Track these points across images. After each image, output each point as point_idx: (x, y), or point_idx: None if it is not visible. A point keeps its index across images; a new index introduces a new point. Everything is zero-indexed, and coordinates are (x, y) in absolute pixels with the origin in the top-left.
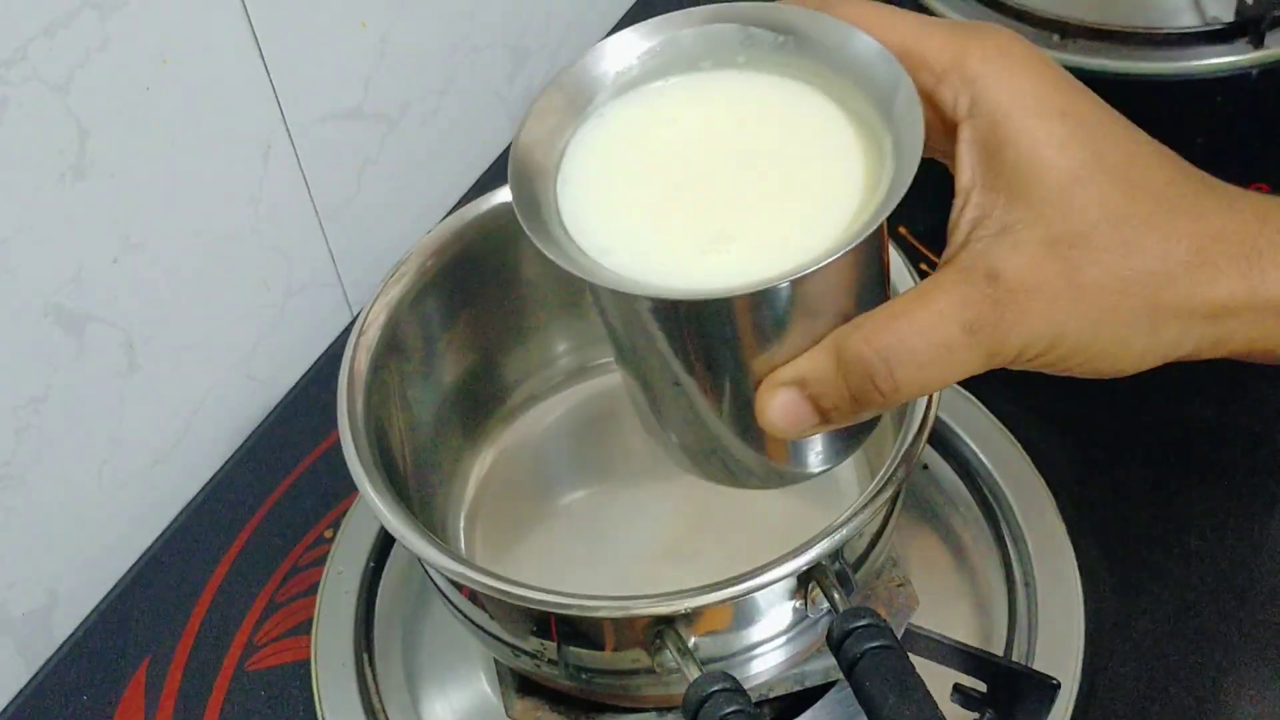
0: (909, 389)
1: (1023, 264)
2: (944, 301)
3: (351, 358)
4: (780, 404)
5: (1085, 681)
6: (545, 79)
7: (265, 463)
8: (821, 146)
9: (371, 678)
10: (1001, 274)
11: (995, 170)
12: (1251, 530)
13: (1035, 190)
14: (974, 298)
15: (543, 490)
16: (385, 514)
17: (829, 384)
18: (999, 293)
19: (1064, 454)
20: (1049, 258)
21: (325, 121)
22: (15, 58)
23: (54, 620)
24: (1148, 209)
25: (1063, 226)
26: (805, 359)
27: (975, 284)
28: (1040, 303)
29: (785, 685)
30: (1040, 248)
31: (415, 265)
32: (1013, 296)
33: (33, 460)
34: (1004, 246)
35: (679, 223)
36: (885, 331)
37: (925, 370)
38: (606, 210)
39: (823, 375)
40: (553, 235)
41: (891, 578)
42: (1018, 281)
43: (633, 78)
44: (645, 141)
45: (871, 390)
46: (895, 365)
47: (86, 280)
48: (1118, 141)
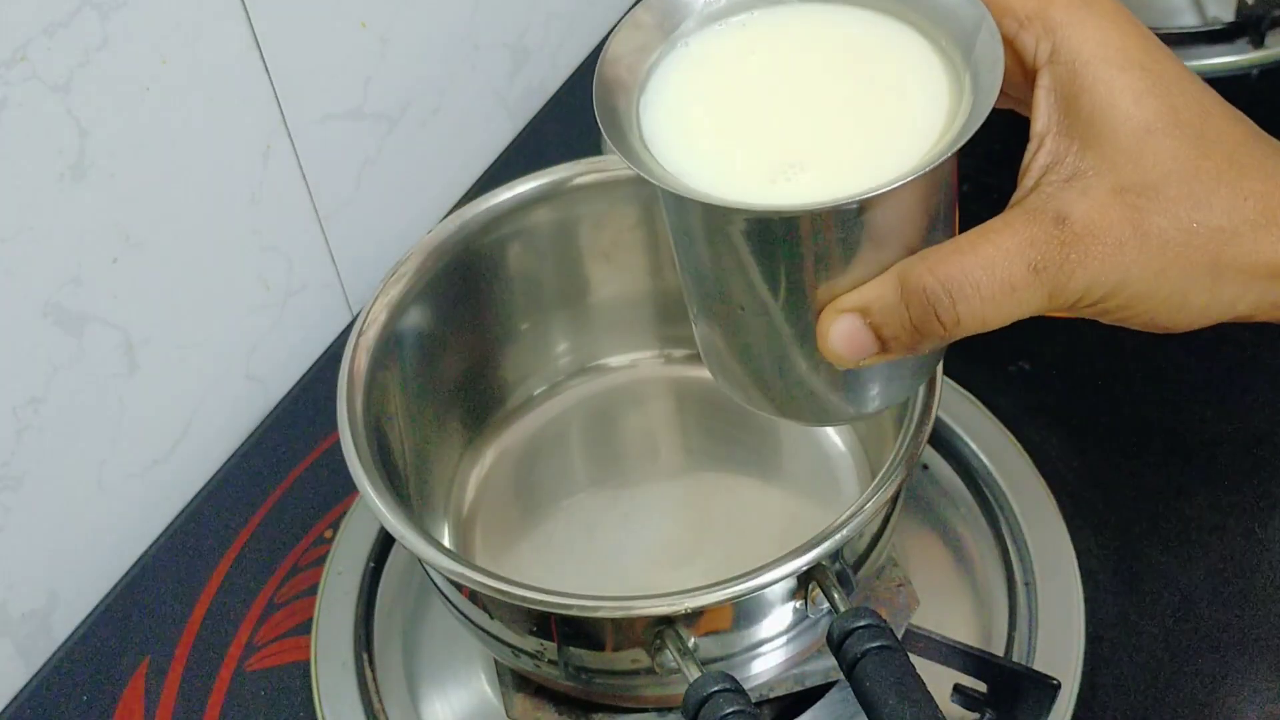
0: (969, 323)
1: (1091, 209)
2: (1011, 239)
3: (351, 358)
4: (841, 330)
5: (1085, 681)
6: (545, 79)
7: (265, 463)
8: (900, 82)
9: (371, 678)
10: (1070, 217)
11: (1071, 118)
12: (1251, 530)
13: (1109, 139)
14: (1040, 238)
15: (543, 490)
16: (385, 514)
17: (891, 312)
18: (1066, 234)
19: (1064, 454)
20: (1118, 205)
21: (325, 121)
22: (15, 58)
23: (54, 620)
24: (1218, 166)
25: (1133, 176)
26: (869, 286)
27: (1043, 225)
28: (1106, 247)
29: (785, 685)
30: (1110, 194)
31: (415, 265)
32: (1079, 239)
33: (33, 460)
34: (1074, 191)
35: (752, 151)
36: (950, 264)
37: (987, 305)
38: (683, 134)
39: (885, 303)
40: (633, 148)
41: (891, 578)
42: (1085, 225)
43: (719, 9)
44: (726, 72)
45: (933, 321)
46: (958, 298)
47: (86, 280)
48: (1193, 98)
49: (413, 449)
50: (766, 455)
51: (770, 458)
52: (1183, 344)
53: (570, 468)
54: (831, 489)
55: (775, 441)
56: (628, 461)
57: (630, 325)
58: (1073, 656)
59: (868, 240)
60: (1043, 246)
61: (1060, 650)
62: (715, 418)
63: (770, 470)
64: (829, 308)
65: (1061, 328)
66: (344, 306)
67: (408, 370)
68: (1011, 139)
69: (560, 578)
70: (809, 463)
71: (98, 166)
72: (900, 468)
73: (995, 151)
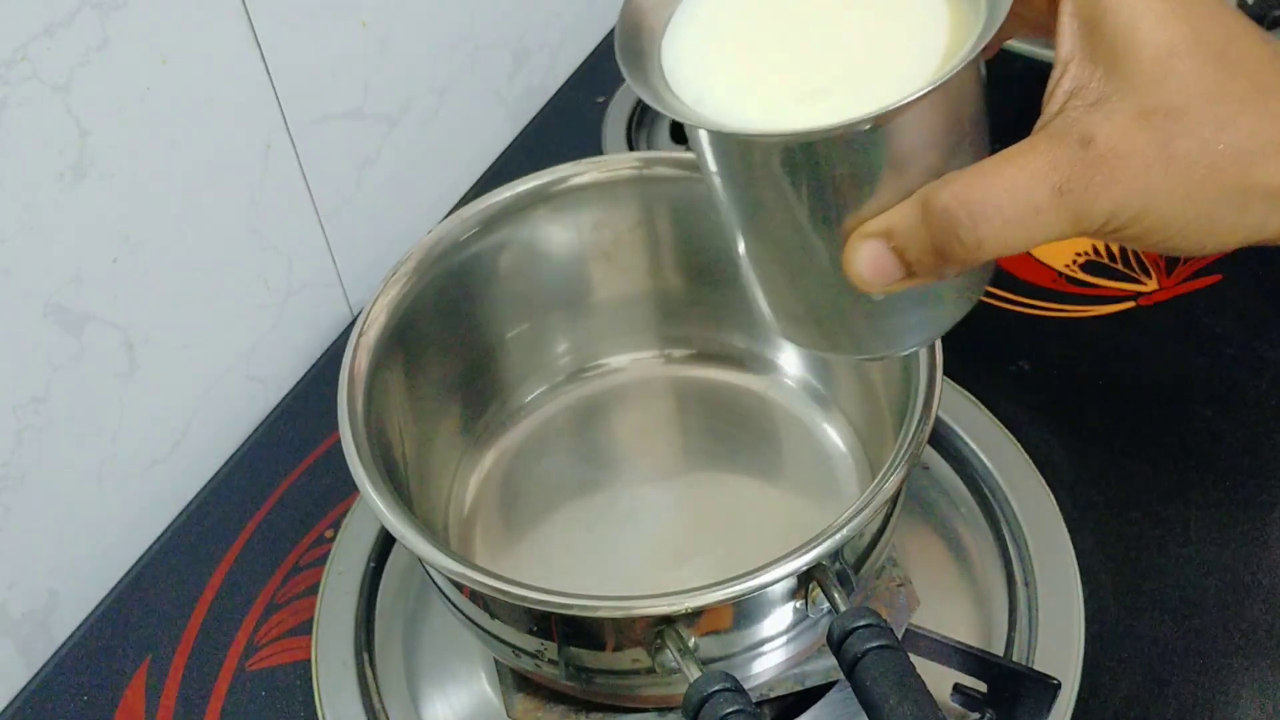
0: (992, 245)
1: (1117, 131)
2: (1035, 162)
3: (351, 358)
4: (866, 255)
5: (1085, 681)
6: (545, 79)
7: (265, 463)
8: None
9: (372, 678)
10: (1095, 138)
11: (1094, 42)
12: (1251, 530)
13: (1133, 62)
14: (1065, 160)
15: (543, 490)
16: (385, 514)
17: (914, 236)
18: (1091, 156)
19: (1064, 454)
20: (1143, 127)
21: (325, 121)
22: (15, 58)
23: (54, 620)
24: (1243, 88)
25: (1158, 99)
26: (893, 211)
27: (1068, 146)
28: (1132, 169)
29: (786, 685)
30: (1135, 117)
31: (415, 265)
32: (1104, 160)
33: (33, 460)
34: (1099, 115)
35: (775, 79)
36: (973, 187)
37: (1010, 228)
38: (705, 65)
39: (908, 227)
40: (652, 85)
41: (892, 578)
42: (1111, 147)
43: None
44: (746, 5)
45: (954, 243)
46: (980, 220)
47: (86, 280)
48: (1217, 21)
49: (413, 449)
50: (766, 455)
51: (770, 458)
52: (1183, 344)
53: (570, 468)
54: (831, 489)
55: (775, 441)
56: (628, 461)
57: (630, 325)
58: (1073, 656)
59: (890, 163)
60: (1067, 168)
61: (1060, 650)
62: (715, 417)
63: (770, 470)
64: (855, 234)
65: (1062, 328)
66: (344, 306)
67: (408, 370)
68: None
69: (560, 577)
70: (809, 463)
71: (98, 166)
72: (900, 467)
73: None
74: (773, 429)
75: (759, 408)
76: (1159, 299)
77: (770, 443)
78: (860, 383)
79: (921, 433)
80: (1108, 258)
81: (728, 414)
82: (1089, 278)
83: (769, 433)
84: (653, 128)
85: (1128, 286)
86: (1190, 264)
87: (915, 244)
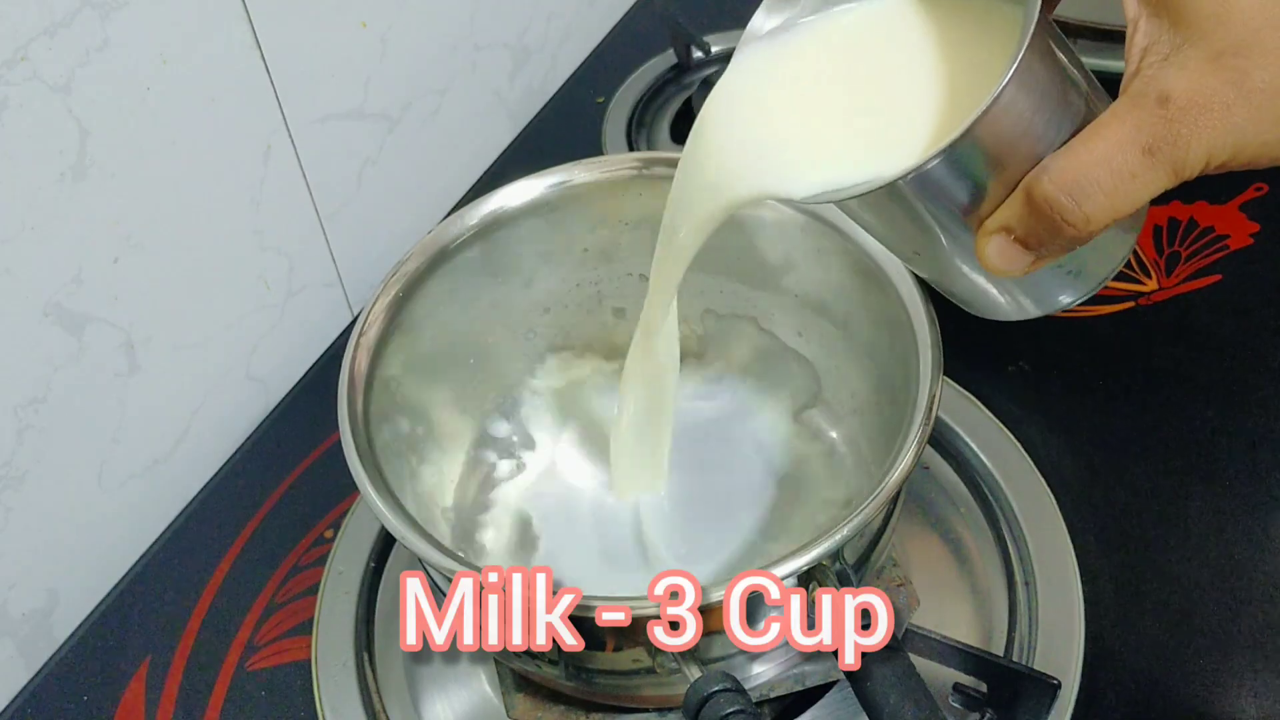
0: (1101, 217)
1: (1191, 81)
2: (1120, 130)
3: (351, 358)
4: (994, 250)
5: (1085, 681)
6: (545, 79)
7: (265, 463)
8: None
9: (371, 678)
10: (1172, 94)
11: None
12: (1251, 530)
13: (1193, 10)
14: (1148, 121)
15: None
16: (385, 514)
17: (1027, 225)
18: (1171, 112)
19: (1064, 454)
20: (1216, 70)
21: (325, 121)
22: (15, 58)
23: (54, 620)
24: None
25: (1225, 39)
26: (1005, 206)
27: (1148, 108)
28: (1213, 115)
29: (786, 685)
30: (1206, 63)
31: (415, 265)
32: (1185, 114)
33: (33, 460)
34: (1172, 68)
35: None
36: (1067, 169)
37: (1113, 198)
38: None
39: (1020, 218)
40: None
41: (892, 578)
42: (1188, 99)
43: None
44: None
45: (1065, 226)
46: (1081, 199)
47: (86, 280)
48: None
49: (413, 448)
50: (766, 455)
51: (770, 457)
52: (1183, 344)
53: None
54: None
55: (775, 441)
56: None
57: (630, 325)
58: (1073, 656)
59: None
60: (1151, 129)
61: (1060, 650)
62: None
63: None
64: (980, 233)
65: (1062, 328)
66: (344, 306)
67: (408, 370)
68: None
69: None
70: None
71: (98, 166)
72: (900, 468)
73: None
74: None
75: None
76: (1159, 299)
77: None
78: (860, 382)
79: (921, 433)
80: None
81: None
82: None
83: (769, 432)
84: (652, 128)
85: (1128, 286)
86: (1190, 264)
87: (1032, 232)
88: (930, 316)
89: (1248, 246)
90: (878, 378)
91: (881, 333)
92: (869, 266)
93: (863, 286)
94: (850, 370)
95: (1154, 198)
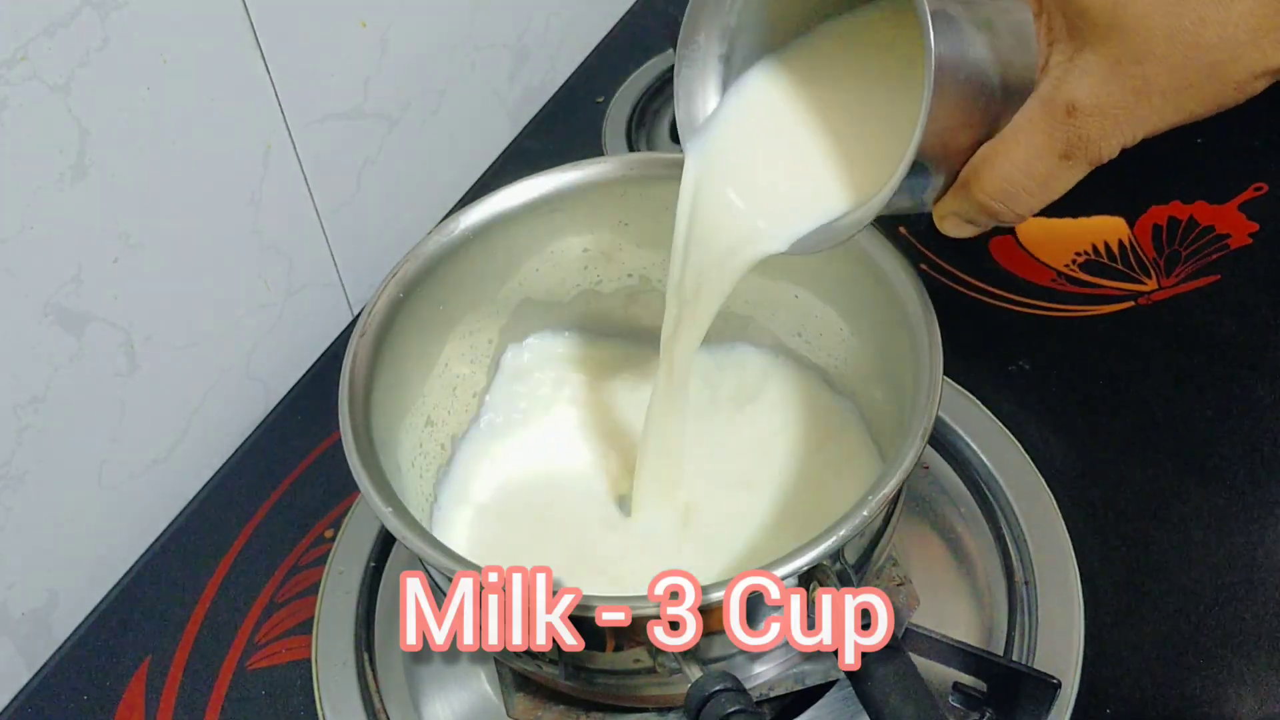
0: (1031, 210)
1: (1095, 89)
2: (1037, 137)
3: (351, 358)
4: (949, 226)
5: (1085, 681)
6: (545, 79)
7: (265, 463)
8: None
9: (372, 677)
10: (1078, 104)
11: None
12: (1251, 530)
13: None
14: (1060, 130)
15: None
16: (385, 514)
17: (972, 215)
18: (1080, 120)
19: (1064, 454)
20: (1117, 78)
21: (325, 121)
22: (15, 58)
23: (54, 620)
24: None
25: (1123, 47)
26: (952, 199)
27: (1058, 117)
28: (1120, 119)
29: (786, 685)
30: (1108, 69)
31: (415, 265)
32: (1092, 120)
33: (33, 460)
34: (1076, 74)
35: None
36: (994, 177)
37: (1038, 196)
38: None
39: (965, 211)
40: None
41: (892, 577)
42: (1094, 107)
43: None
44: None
45: (1003, 218)
46: (1010, 203)
47: (86, 280)
48: None
49: (413, 448)
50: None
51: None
52: (1183, 344)
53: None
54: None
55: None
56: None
57: (630, 325)
58: (1073, 656)
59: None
60: (1064, 138)
61: (1060, 650)
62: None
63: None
64: (935, 211)
65: (1062, 328)
66: (344, 306)
67: (408, 369)
68: None
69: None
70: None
71: (98, 166)
72: (900, 468)
73: None
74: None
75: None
76: (1159, 299)
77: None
78: (860, 382)
79: (922, 433)
80: (1107, 258)
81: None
82: (1089, 278)
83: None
84: (652, 128)
85: (1128, 286)
86: (1190, 264)
87: (975, 220)
88: (930, 316)
89: (1247, 246)
90: (878, 378)
91: (881, 333)
92: (869, 266)
93: (863, 286)
94: (850, 370)
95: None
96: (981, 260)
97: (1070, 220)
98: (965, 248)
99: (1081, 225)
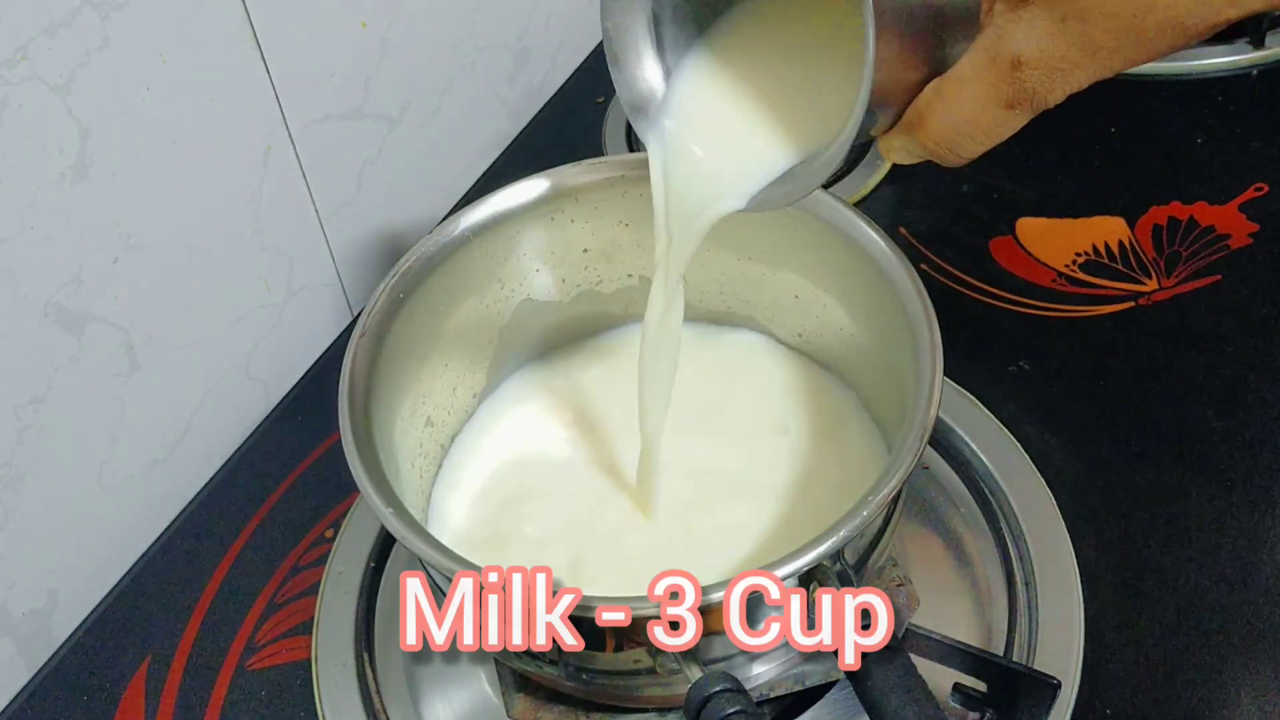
0: (976, 154)
1: (1041, 44)
2: (980, 88)
3: (351, 358)
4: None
5: (1085, 681)
6: (545, 79)
7: (265, 463)
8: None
9: (372, 677)
10: (1024, 58)
11: None
12: (1251, 530)
13: None
14: (1005, 82)
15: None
16: (385, 514)
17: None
18: (1025, 74)
19: (1064, 454)
20: (1063, 33)
21: (325, 121)
22: (15, 58)
23: (54, 620)
24: None
25: (1069, 3)
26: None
27: (1002, 69)
28: (1065, 73)
29: (786, 685)
30: (1053, 25)
31: (415, 266)
32: (1037, 74)
33: (33, 460)
34: (1022, 28)
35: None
36: (940, 125)
37: (983, 142)
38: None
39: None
40: None
41: (892, 578)
42: (1039, 61)
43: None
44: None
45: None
46: (957, 149)
47: (86, 280)
48: None
49: (414, 448)
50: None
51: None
52: (1183, 344)
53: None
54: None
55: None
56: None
57: (628, 325)
58: (1073, 656)
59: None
60: (1008, 89)
61: (1060, 650)
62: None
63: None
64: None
65: (1062, 328)
66: (344, 306)
67: (408, 369)
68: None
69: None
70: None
71: (98, 166)
72: (901, 468)
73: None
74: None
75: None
76: (1159, 299)
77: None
78: (860, 382)
79: (922, 433)
80: (1107, 258)
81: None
82: (1089, 278)
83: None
84: None
85: (1128, 286)
86: (1190, 264)
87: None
88: (930, 316)
89: (1248, 246)
90: (879, 377)
91: (881, 333)
92: (869, 266)
93: (863, 287)
94: (852, 369)
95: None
96: (981, 260)
97: (1070, 220)
98: (965, 248)
99: (1081, 225)
